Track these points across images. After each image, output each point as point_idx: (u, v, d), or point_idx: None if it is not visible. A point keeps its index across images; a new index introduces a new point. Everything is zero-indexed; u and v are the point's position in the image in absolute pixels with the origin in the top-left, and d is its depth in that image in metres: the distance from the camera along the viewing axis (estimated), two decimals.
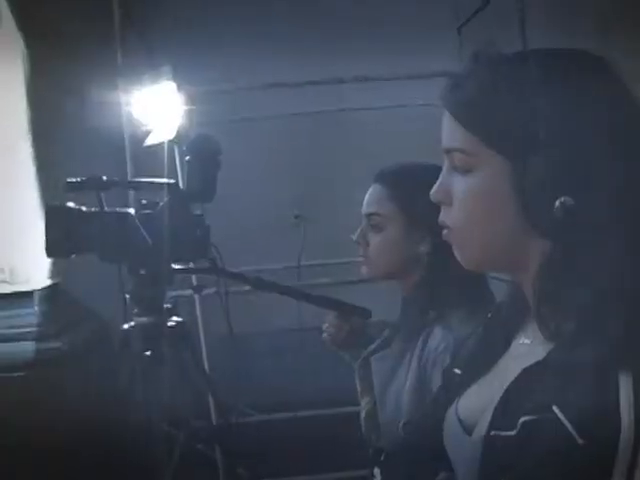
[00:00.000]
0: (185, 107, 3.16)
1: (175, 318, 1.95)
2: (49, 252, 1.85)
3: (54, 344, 3.36)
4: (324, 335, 2.05)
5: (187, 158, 1.92)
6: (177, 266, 1.95)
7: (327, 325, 2.04)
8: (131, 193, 2.92)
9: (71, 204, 1.88)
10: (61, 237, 1.83)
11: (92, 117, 3.75)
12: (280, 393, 4.04)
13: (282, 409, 3.85)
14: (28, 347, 3.35)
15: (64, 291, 3.63)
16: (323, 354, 2.20)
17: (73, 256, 1.92)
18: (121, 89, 3.75)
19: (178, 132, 3.14)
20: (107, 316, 3.62)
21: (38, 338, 3.38)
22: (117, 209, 1.87)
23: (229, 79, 3.74)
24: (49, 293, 3.54)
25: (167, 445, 2.11)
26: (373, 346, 1.93)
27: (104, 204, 1.85)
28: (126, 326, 1.92)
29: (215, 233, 1.94)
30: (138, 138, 3.48)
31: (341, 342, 2.04)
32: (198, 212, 1.95)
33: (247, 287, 2.33)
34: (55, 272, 3.56)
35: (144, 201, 1.87)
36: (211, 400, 2.64)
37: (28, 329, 3.41)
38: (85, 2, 4.14)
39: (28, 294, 3.47)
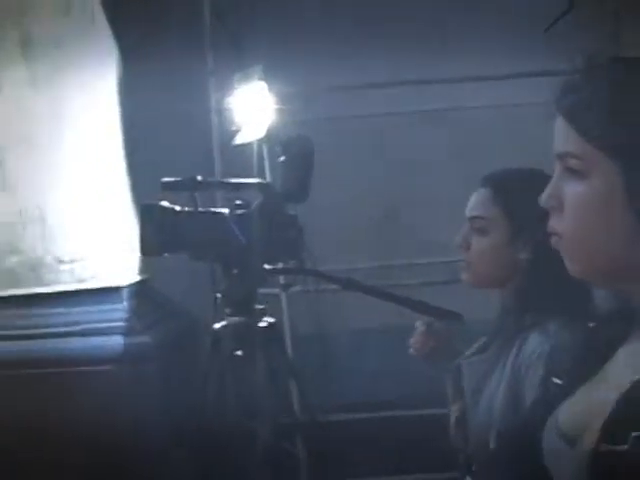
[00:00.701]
0: (275, 106, 3.19)
1: (266, 319, 1.97)
2: (143, 250, 1.89)
3: (142, 339, 3.43)
4: (410, 350, 2.05)
5: (282, 159, 1.94)
6: (269, 266, 1.96)
7: (413, 340, 2.05)
8: (220, 193, 2.96)
9: (165, 203, 1.91)
10: (155, 236, 1.87)
11: (182, 116, 3.83)
12: (365, 392, 4.03)
13: (367, 409, 3.84)
14: (116, 341, 3.42)
15: (152, 287, 3.71)
16: (409, 355, 2.19)
17: (166, 255, 1.96)
18: (211, 89, 3.83)
19: (268, 131, 3.17)
20: (195, 314, 3.70)
21: (126, 333, 3.45)
22: (211, 209, 1.90)
23: (320, 78, 3.76)
24: (138, 289, 3.61)
25: (252, 442, 2.13)
26: (469, 351, 1.91)
27: (198, 204, 1.89)
28: (217, 326, 1.94)
29: (307, 232, 1.96)
30: (227, 138, 3.54)
31: (427, 356, 2.04)
32: (292, 212, 1.96)
33: (335, 287, 2.34)
34: (144, 268, 3.64)
35: (239, 201, 1.89)
36: (296, 398, 2.66)
37: (117, 323, 3.48)
38: (176, 3, 4.22)
39: (117, 289, 3.54)
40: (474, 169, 1.96)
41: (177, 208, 1.90)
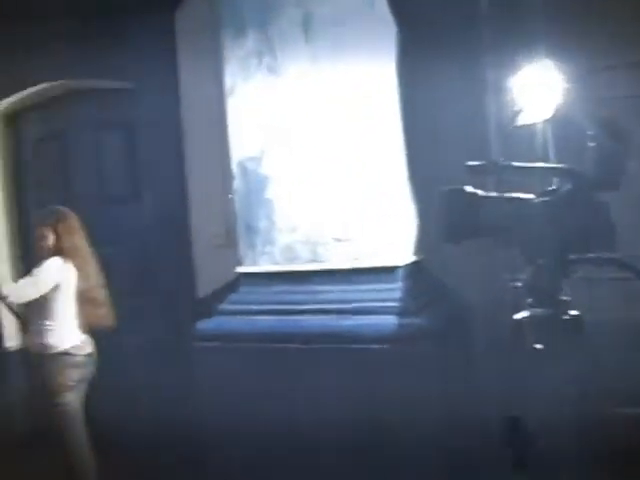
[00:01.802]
0: (564, 85, 3.06)
1: (571, 312, 1.89)
2: (447, 236, 1.87)
3: (415, 320, 3.45)
4: None
5: (592, 143, 1.84)
6: (574, 256, 1.88)
7: None
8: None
9: (469, 188, 1.88)
10: (459, 221, 1.84)
11: (456, 96, 3.78)
12: None
13: None
14: (390, 321, 3.47)
15: (427, 269, 3.72)
16: None
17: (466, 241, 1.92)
18: (488, 67, 3.74)
19: (555, 112, 3.04)
20: (466, 299, 3.66)
21: (400, 313, 3.48)
22: (517, 194, 1.85)
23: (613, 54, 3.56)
24: (413, 270, 3.63)
25: (525, 438, 2.07)
26: None
27: (502, 189, 1.84)
28: (519, 316, 1.89)
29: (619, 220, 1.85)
30: (505, 118, 3.44)
31: None
32: (603, 200, 1.86)
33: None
34: (419, 249, 3.66)
35: (552, 187, 1.82)
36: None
37: (391, 303, 3.53)
38: None
39: (393, 269, 3.59)
40: None
41: (481, 193, 1.87)
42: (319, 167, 3.70)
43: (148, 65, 4.62)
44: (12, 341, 5.31)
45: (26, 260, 5.31)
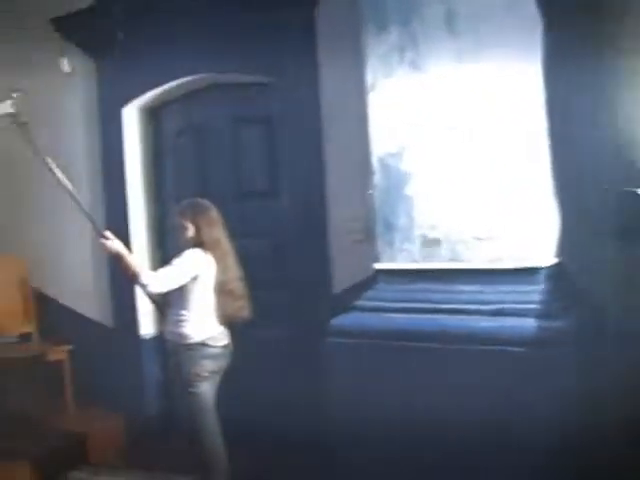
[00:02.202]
0: None
1: None
2: (618, 237, 1.86)
3: (556, 324, 3.41)
4: None
5: None
6: None
7: None
8: None
9: None
10: (631, 223, 1.84)
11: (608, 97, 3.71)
12: None
13: None
14: (531, 324, 3.43)
15: (567, 271, 3.68)
16: None
17: None
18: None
19: None
20: (599, 303, 3.59)
21: (541, 316, 3.45)
22: None
23: None
24: (555, 271, 3.58)
25: None
26: None
27: None
28: None
29: None
30: None
31: None
32: None
33: None
34: (560, 250, 3.63)
35: None
36: None
37: (532, 306, 3.49)
38: None
39: (534, 271, 3.55)
40: None
41: None
42: (460, 164, 3.69)
43: (288, 60, 4.74)
44: (148, 329, 5.57)
45: (163, 251, 5.58)
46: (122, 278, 4.91)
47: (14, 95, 3.81)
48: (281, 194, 5.05)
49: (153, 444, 5.15)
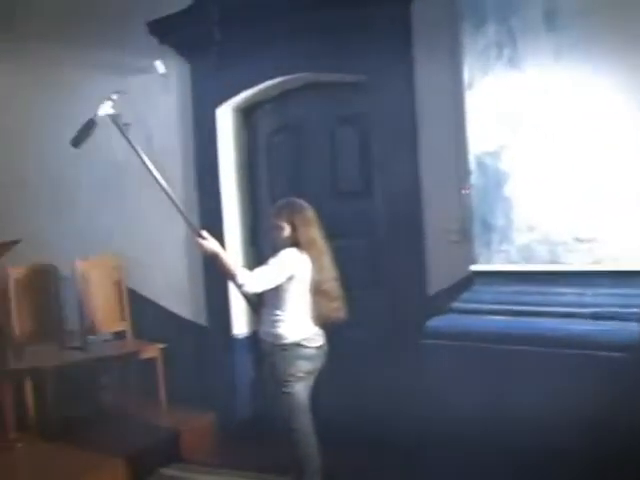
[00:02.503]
0: None
1: None
2: None
3: None
4: None
5: None
6: None
7: None
8: None
9: None
10: None
11: None
12: None
13: None
14: (632, 328, 3.38)
15: None
16: None
17: None
18: None
19: None
20: None
21: None
22: None
23: None
24: None
25: None
26: None
27: None
28: None
29: None
30: None
31: None
32: None
33: None
34: None
35: None
36: None
37: (632, 309, 3.45)
38: None
39: (636, 274, 3.51)
40: None
41: None
42: (560, 163, 3.67)
43: (384, 58, 4.78)
44: (240, 328, 5.68)
45: (257, 250, 5.69)
46: (216, 278, 5.09)
47: (114, 96, 3.91)
48: (375, 194, 5.08)
49: (245, 443, 5.23)
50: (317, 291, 3.87)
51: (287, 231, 3.90)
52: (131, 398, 5.82)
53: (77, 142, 3.81)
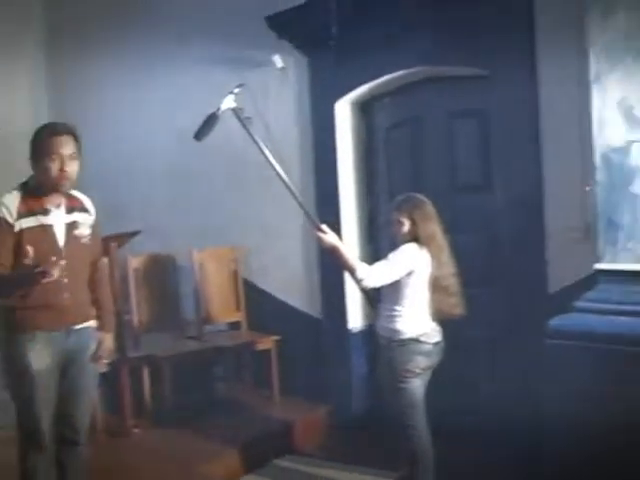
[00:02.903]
0: None
1: None
2: None
3: None
4: None
5: None
6: None
7: None
8: None
9: None
10: None
11: None
12: None
13: None
14: None
15: None
16: None
17: None
18: None
19: None
20: None
21: None
22: None
23: None
24: None
25: None
26: None
27: None
28: None
29: None
30: None
31: None
32: None
33: None
34: None
35: None
36: None
37: None
38: None
39: None
40: None
41: None
42: None
43: (504, 51, 4.71)
44: (356, 322, 5.73)
45: (375, 245, 5.73)
46: (331, 271, 5.15)
47: (236, 90, 3.99)
48: (496, 189, 5.05)
49: (358, 438, 5.28)
50: (436, 287, 3.89)
51: (407, 226, 3.92)
52: (245, 389, 5.94)
53: (200, 135, 3.90)
